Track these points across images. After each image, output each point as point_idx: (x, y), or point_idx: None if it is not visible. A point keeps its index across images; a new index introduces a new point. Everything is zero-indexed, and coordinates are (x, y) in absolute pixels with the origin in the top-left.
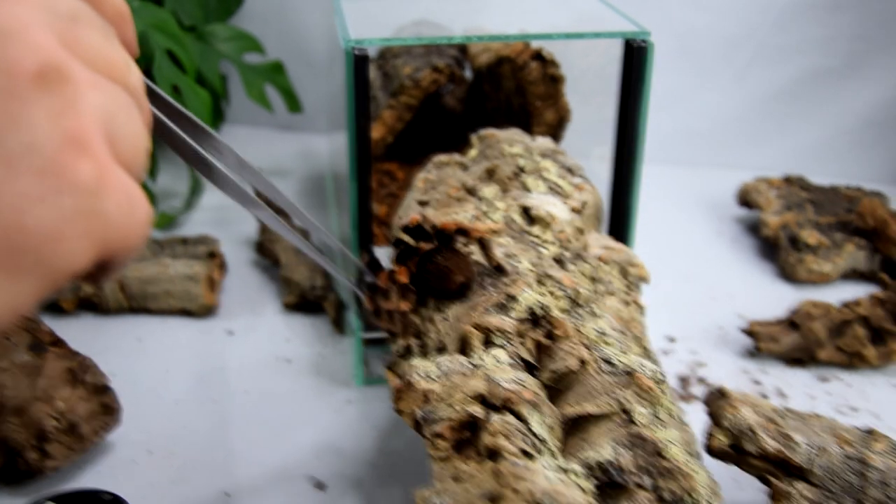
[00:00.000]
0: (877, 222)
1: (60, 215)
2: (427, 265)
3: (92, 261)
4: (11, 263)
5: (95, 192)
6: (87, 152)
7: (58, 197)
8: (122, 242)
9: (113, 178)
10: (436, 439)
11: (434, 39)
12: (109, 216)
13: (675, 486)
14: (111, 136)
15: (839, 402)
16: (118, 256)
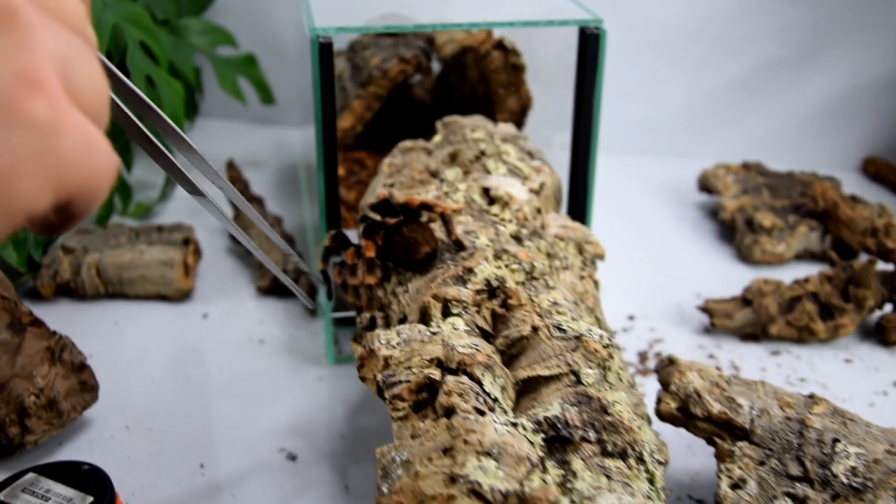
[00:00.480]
0: (827, 205)
1: (13, 151)
2: (394, 237)
3: (50, 202)
4: None
5: (49, 129)
6: (40, 90)
7: (10, 133)
8: (82, 185)
9: (68, 118)
10: (395, 401)
11: (398, 28)
12: (65, 155)
13: (619, 440)
14: (67, 79)
15: (789, 373)
16: (78, 200)
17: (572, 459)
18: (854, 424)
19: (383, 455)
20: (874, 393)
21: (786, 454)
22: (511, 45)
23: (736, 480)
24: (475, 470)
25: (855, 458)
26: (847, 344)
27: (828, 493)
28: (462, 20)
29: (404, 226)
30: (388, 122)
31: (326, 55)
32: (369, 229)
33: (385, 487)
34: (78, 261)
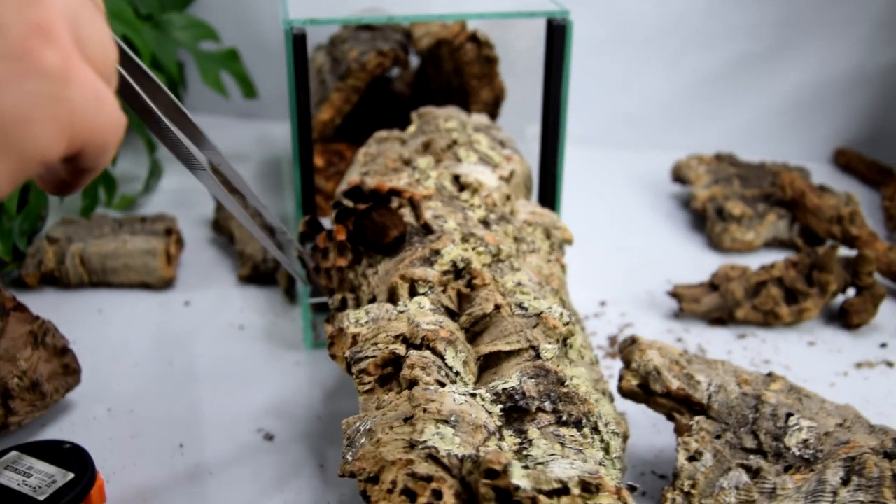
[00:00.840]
0: (795, 193)
1: (27, 98)
2: (364, 221)
3: (62, 149)
4: None
5: (61, 80)
6: (52, 41)
7: (24, 80)
8: (92, 136)
9: (79, 71)
10: (362, 375)
11: (370, 19)
12: (76, 105)
13: (574, 410)
14: (77, 36)
15: (754, 356)
16: (89, 152)
17: (529, 428)
18: (809, 400)
19: (349, 426)
20: (835, 374)
21: (741, 428)
22: (484, 38)
23: (693, 453)
24: (433, 436)
25: (807, 431)
26: (811, 327)
27: (780, 465)
28: (433, 12)
29: (374, 211)
30: (369, 114)
31: (300, 46)
32: (341, 214)
33: (349, 455)
34: (62, 250)
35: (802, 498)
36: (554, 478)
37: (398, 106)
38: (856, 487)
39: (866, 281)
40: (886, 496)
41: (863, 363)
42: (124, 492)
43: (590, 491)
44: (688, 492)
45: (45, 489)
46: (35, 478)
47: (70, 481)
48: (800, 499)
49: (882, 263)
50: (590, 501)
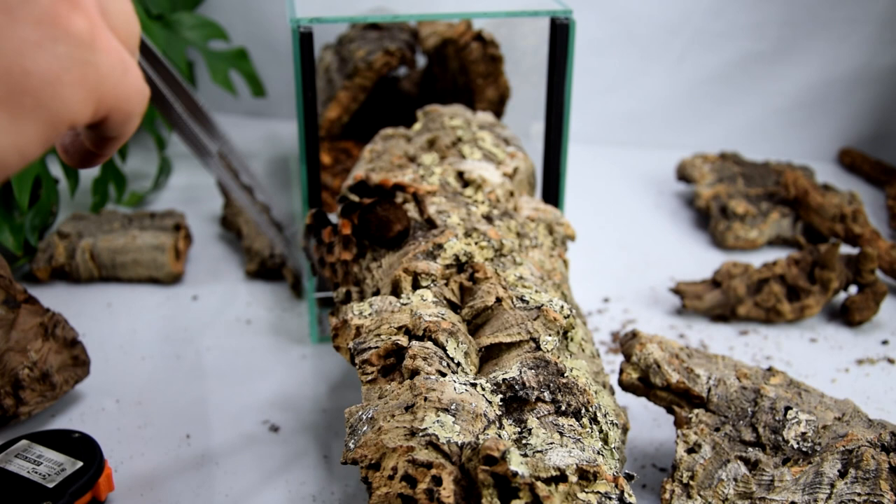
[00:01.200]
0: (798, 192)
1: (57, 61)
2: (368, 215)
3: (90, 113)
4: (15, 104)
5: (88, 45)
6: (79, 7)
7: (54, 44)
8: (118, 102)
9: (105, 38)
10: (365, 366)
11: (376, 18)
12: (102, 70)
13: (573, 400)
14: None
15: (755, 352)
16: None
17: (528, 418)
18: (808, 395)
19: (351, 414)
20: (836, 370)
21: (740, 421)
22: (489, 37)
23: (692, 445)
24: (433, 424)
25: (805, 425)
26: (813, 324)
27: (779, 457)
28: (439, 11)
29: (378, 205)
30: (376, 113)
31: (307, 45)
32: (347, 209)
33: (351, 443)
34: (72, 245)
35: (800, 490)
36: (552, 465)
37: (405, 104)
38: (853, 480)
39: (868, 278)
40: (883, 488)
41: (864, 360)
42: (132, 481)
43: (587, 479)
44: (687, 483)
45: (55, 477)
46: (44, 466)
47: (79, 470)
48: (797, 491)
49: (884, 261)
50: (587, 489)
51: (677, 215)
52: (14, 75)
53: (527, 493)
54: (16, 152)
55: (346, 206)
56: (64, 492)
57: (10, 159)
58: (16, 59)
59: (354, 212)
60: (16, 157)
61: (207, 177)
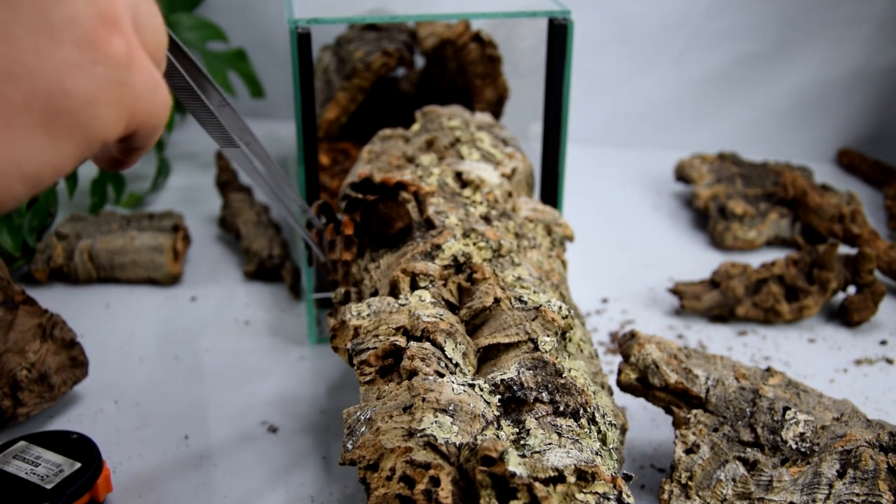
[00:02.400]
0: (797, 192)
1: (96, 82)
2: (371, 212)
3: (122, 130)
4: (54, 124)
5: (125, 66)
6: (119, 30)
7: (94, 66)
8: (148, 118)
9: (140, 58)
10: (363, 366)
11: (374, 19)
12: (137, 90)
13: (571, 401)
14: (137, 24)
15: (754, 352)
16: (142, 133)
17: (526, 418)
18: (806, 395)
19: (349, 415)
20: (835, 370)
21: (739, 421)
22: (488, 37)
23: (690, 445)
24: (431, 425)
25: (804, 425)
26: (812, 325)
27: (777, 458)
28: (437, 12)
29: (381, 202)
30: (374, 114)
31: (305, 45)
32: (350, 205)
33: (350, 444)
34: (71, 246)
35: (799, 490)
36: (550, 465)
37: (403, 105)
38: (851, 480)
39: (867, 279)
40: (882, 488)
41: (862, 360)
42: (130, 482)
43: (585, 479)
44: (685, 484)
45: (53, 478)
46: (42, 467)
47: (77, 471)
48: (796, 491)
49: (883, 261)
50: (585, 489)
51: (676, 216)
52: (54, 96)
53: (525, 494)
54: (51, 169)
55: (350, 203)
56: (62, 493)
57: (45, 175)
58: (56, 80)
59: (357, 209)
60: (51, 173)
61: (206, 178)
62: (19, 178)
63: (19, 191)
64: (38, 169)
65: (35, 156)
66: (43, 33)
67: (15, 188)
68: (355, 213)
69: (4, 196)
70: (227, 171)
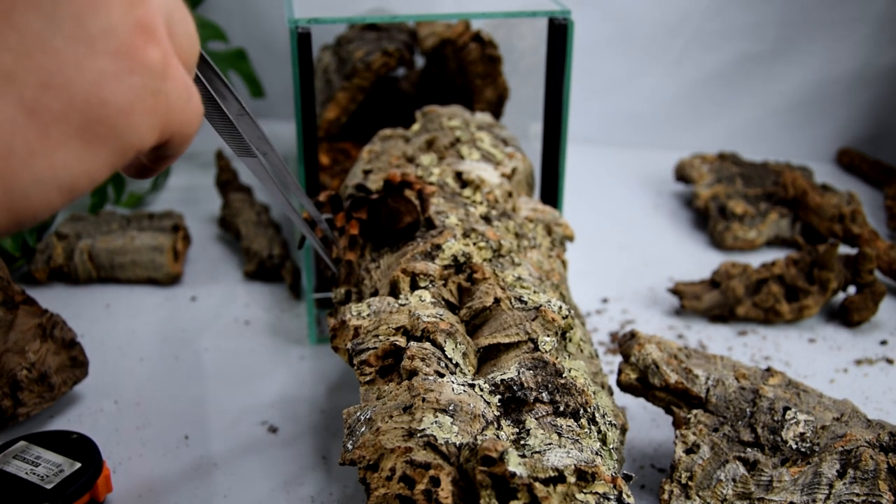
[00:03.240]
0: (797, 192)
1: (132, 92)
2: (379, 206)
3: (156, 139)
4: (91, 133)
5: (161, 75)
6: (154, 39)
7: (130, 76)
8: (181, 126)
9: (174, 66)
10: (363, 366)
11: (374, 18)
12: (171, 98)
13: (572, 401)
14: (171, 31)
15: (754, 352)
16: (175, 141)
17: (526, 419)
18: (806, 395)
19: (349, 415)
20: (835, 370)
21: (739, 421)
22: (488, 37)
23: (690, 445)
24: (431, 425)
25: (804, 425)
26: (812, 325)
27: (777, 458)
28: (438, 12)
29: (389, 197)
30: (375, 114)
31: (305, 45)
32: (354, 204)
33: (350, 444)
34: (71, 246)
35: (799, 490)
36: (550, 466)
37: (404, 105)
38: (851, 480)
39: (867, 278)
40: (882, 488)
41: (862, 360)
42: (130, 482)
43: (585, 479)
44: (685, 484)
45: (53, 478)
46: (43, 467)
47: (77, 471)
48: (796, 491)
49: (883, 261)
50: (585, 489)
51: (676, 215)
52: (91, 105)
53: (525, 494)
54: (87, 178)
55: (354, 201)
56: (62, 493)
57: (81, 184)
58: (94, 90)
59: (362, 207)
60: (86, 183)
61: (206, 178)
62: (56, 187)
63: (55, 200)
64: (74, 178)
65: (72, 165)
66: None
67: (51, 197)
68: (361, 211)
69: (40, 205)
70: (227, 171)
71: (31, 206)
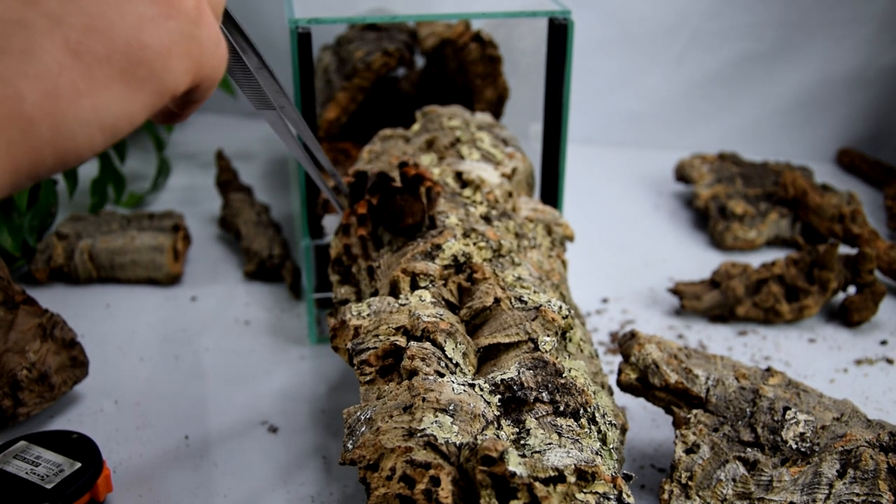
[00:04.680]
0: (797, 192)
1: (169, 36)
2: (387, 201)
3: (189, 83)
4: (131, 75)
5: (195, 21)
6: None
7: (167, 20)
8: (211, 71)
9: (206, 13)
10: (363, 366)
11: (374, 19)
12: (203, 44)
13: (572, 401)
14: None
15: (754, 352)
16: (203, 86)
17: (526, 418)
18: (806, 395)
19: (350, 415)
20: (835, 370)
21: (739, 421)
22: (488, 37)
23: (690, 445)
24: (432, 425)
25: (804, 425)
26: (812, 325)
27: (777, 458)
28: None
29: (399, 194)
30: (375, 114)
31: (305, 45)
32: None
33: (350, 444)
34: (71, 246)
35: (799, 490)
36: (550, 465)
37: (404, 105)
38: (851, 480)
39: (867, 278)
40: (882, 488)
41: (862, 360)
42: (131, 481)
43: (585, 479)
44: (685, 484)
45: (53, 478)
46: (43, 467)
47: (77, 470)
48: (796, 491)
49: (883, 261)
50: (585, 489)
51: (676, 215)
52: (132, 48)
53: (525, 494)
54: (127, 119)
55: (374, 185)
56: (62, 493)
57: (121, 125)
58: (134, 33)
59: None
60: (126, 124)
61: (206, 178)
62: (99, 128)
63: (98, 140)
64: (115, 119)
65: (114, 106)
66: None
67: (94, 137)
68: (374, 196)
69: (85, 145)
70: (227, 171)
71: (76, 146)
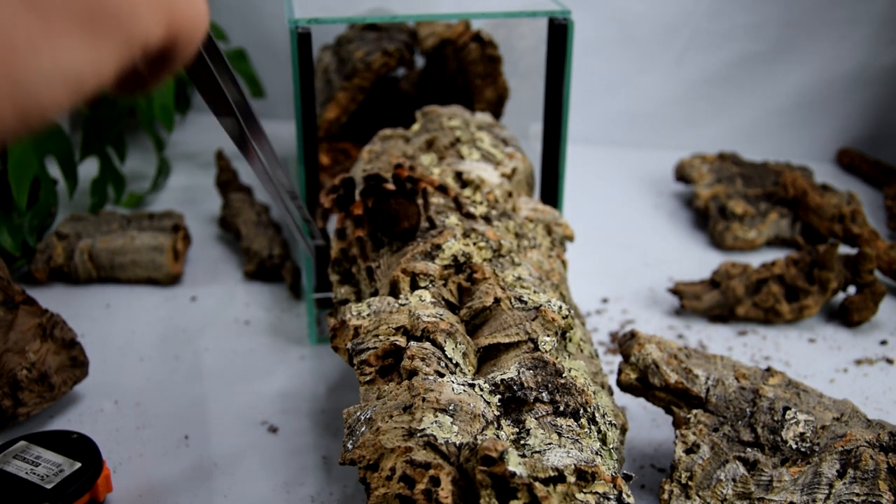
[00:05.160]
0: (797, 192)
1: None
2: (381, 205)
3: (161, 35)
4: (94, 24)
5: None
6: None
7: None
8: (186, 23)
9: None
10: (363, 366)
11: (374, 19)
12: None
13: (571, 401)
14: None
15: (754, 352)
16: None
17: (526, 418)
18: (806, 395)
19: (350, 415)
20: (835, 370)
21: (739, 421)
22: (488, 37)
23: (690, 445)
24: (431, 425)
25: (804, 425)
26: (812, 324)
27: (777, 458)
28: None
29: (394, 198)
30: (375, 114)
31: (305, 45)
32: (365, 191)
33: (350, 444)
34: (71, 246)
35: (799, 490)
36: (550, 465)
37: (404, 105)
38: (851, 480)
39: (867, 278)
40: (882, 488)
41: (862, 360)
42: (130, 482)
43: (585, 479)
44: (685, 484)
45: (53, 478)
46: (43, 467)
47: (77, 471)
48: (796, 491)
49: (883, 261)
50: (585, 489)
51: (676, 215)
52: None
53: (525, 494)
54: (93, 73)
55: (367, 188)
56: (62, 493)
57: (87, 79)
58: None
59: (372, 196)
60: (92, 77)
61: (206, 178)
62: (62, 81)
63: (62, 95)
64: (79, 72)
65: (76, 57)
66: None
67: (58, 92)
68: (368, 200)
69: (47, 100)
70: (227, 171)
71: (38, 102)
